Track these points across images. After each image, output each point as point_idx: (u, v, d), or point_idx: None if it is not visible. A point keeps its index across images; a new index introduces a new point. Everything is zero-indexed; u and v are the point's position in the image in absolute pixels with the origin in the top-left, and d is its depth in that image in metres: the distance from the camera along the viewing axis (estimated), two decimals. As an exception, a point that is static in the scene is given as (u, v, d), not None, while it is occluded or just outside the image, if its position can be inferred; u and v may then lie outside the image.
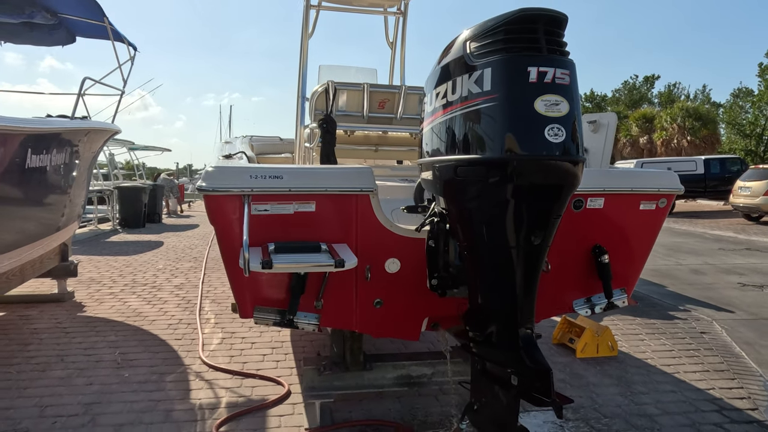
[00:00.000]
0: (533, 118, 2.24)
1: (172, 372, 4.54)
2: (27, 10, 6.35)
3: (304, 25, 5.81)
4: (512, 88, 2.27)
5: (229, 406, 3.92)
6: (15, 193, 4.58)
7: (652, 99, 47.00)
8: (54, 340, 5.28)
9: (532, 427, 3.63)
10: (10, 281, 5.49)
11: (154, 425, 3.61)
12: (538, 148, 2.24)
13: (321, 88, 4.71)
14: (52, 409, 3.81)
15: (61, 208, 5.75)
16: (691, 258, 10.79)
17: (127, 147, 20.09)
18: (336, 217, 2.85)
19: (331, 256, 2.62)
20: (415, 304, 3.12)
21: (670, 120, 33.05)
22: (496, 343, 2.54)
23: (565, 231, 3.15)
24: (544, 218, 2.38)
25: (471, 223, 2.51)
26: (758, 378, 4.60)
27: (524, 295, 2.46)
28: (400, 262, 3.00)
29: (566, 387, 4.32)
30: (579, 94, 2.38)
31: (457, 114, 2.47)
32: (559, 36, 2.36)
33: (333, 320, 3.11)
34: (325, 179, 2.79)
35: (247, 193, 2.67)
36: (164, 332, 5.62)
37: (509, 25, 2.30)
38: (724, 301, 7.21)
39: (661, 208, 3.28)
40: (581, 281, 3.33)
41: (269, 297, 2.94)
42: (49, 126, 4.77)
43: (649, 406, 4.00)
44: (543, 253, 2.45)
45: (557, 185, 2.34)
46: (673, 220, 18.95)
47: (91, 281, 8.06)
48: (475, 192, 2.43)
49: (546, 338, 5.51)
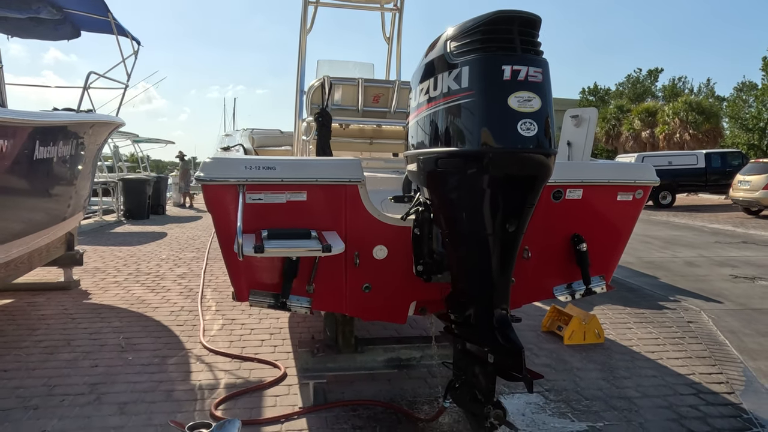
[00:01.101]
0: (507, 113, 2.40)
1: (173, 355, 4.74)
2: (33, 5, 6.53)
3: (303, 21, 5.97)
4: (487, 85, 2.43)
5: (228, 386, 4.10)
6: (23, 184, 4.76)
7: (656, 93, 46.92)
8: (61, 326, 5.49)
9: (515, 408, 3.81)
10: (18, 268, 5.69)
11: (156, 404, 3.80)
12: (512, 141, 2.41)
13: (317, 83, 4.87)
14: (59, 389, 4.00)
15: (67, 198, 5.94)
16: (687, 251, 10.93)
17: (131, 139, 20.30)
18: (326, 206, 3.02)
19: (320, 242, 2.80)
20: (402, 288, 3.30)
21: (673, 114, 33.05)
22: (474, 323, 2.72)
23: (545, 220, 3.33)
24: (518, 207, 2.55)
25: (451, 212, 2.68)
26: (738, 364, 4.76)
27: (500, 279, 2.63)
28: (387, 249, 3.17)
29: (551, 371, 4.49)
30: (551, 91, 2.53)
31: (438, 109, 2.64)
32: (533, 36, 2.52)
33: (324, 304, 3.29)
34: (316, 170, 2.96)
35: (242, 183, 2.85)
36: (167, 318, 5.82)
37: (485, 25, 2.47)
38: (715, 293, 7.36)
39: (637, 199, 3.43)
40: (561, 268, 3.50)
41: (264, 281, 3.12)
42: (56, 119, 4.95)
43: (630, 390, 4.17)
44: (517, 240, 2.62)
45: (530, 176, 2.50)
46: (673, 214, 19.07)
47: (96, 270, 8.27)
48: (454, 182, 2.59)
49: (535, 326, 5.69)
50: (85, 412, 3.65)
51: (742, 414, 3.80)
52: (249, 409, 3.75)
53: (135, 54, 7.58)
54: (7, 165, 4.32)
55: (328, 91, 4.67)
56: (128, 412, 3.66)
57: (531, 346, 5.12)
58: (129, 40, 7.44)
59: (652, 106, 36.62)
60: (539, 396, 4.02)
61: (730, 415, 3.78)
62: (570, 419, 3.67)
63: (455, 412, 3.47)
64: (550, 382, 4.28)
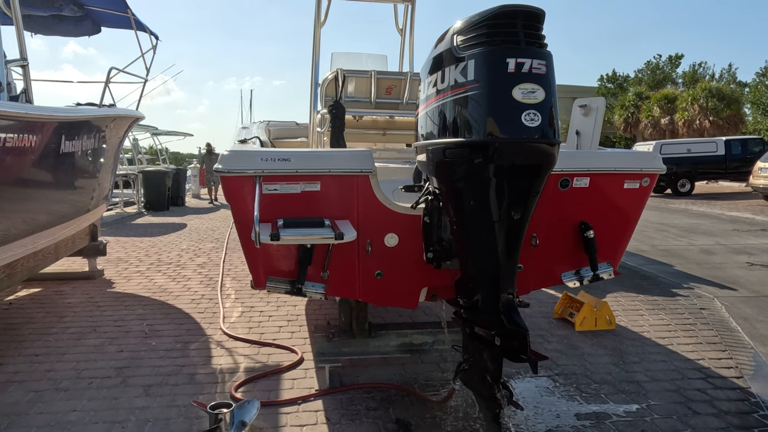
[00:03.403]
0: (511, 104, 2.49)
1: (195, 341, 4.91)
2: (56, 3, 6.71)
3: (317, 14, 6.06)
4: (492, 77, 2.52)
5: (247, 370, 4.27)
6: (49, 177, 4.95)
7: (676, 79, 46.17)
8: (87, 313, 5.70)
9: (525, 392, 3.91)
10: (45, 258, 5.91)
11: (179, 386, 3.98)
12: (516, 132, 2.50)
13: (331, 76, 4.98)
14: (87, 372, 4.20)
15: (91, 191, 6.14)
16: (704, 238, 10.88)
17: (150, 132, 20.62)
18: (339, 196, 3.14)
19: (333, 230, 2.92)
20: (412, 275, 3.41)
21: (692, 100, 32.57)
22: (482, 307, 2.83)
23: (553, 208, 3.41)
24: (523, 195, 2.64)
25: (459, 200, 2.78)
26: (749, 350, 4.81)
27: (506, 264, 2.73)
28: (398, 237, 3.28)
29: (561, 356, 4.59)
30: (555, 82, 2.61)
31: (445, 101, 2.74)
32: (537, 29, 2.60)
33: (338, 289, 3.42)
34: (329, 161, 3.08)
35: (258, 174, 2.97)
36: (188, 306, 6.01)
37: (490, 20, 2.55)
38: (730, 280, 7.36)
39: (644, 186, 3.49)
40: (569, 255, 3.58)
41: (280, 268, 3.26)
42: (79, 114, 5.13)
43: (639, 374, 4.25)
44: (523, 227, 2.71)
45: (533, 165, 2.59)
46: (691, 202, 18.89)
47: (119, 260, 8.51)
48: (462, 172, 2.69)
49: (548, 312, 5.77)
50: (113, 394, 3.83)
51: (749, 398, 3.86)
52: (267, 392, 3.90)
53: (153, 49, 7.76)
54: (34, 159, 4.50)
55: (342, 83, 4.77)
56: (153, 394, 3.84)
57: (543, 332, 5.21)
58: (147, 35, 7.61)
59: (672, 92, 36.11)
60: (549, 380, 4.12)
61: (737, 399, 3.85)
62: (578, 402, 3.77)
63: (465, 395, 3.58)
64: (560, 366, 4.38)
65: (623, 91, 43.69)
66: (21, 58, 5.25)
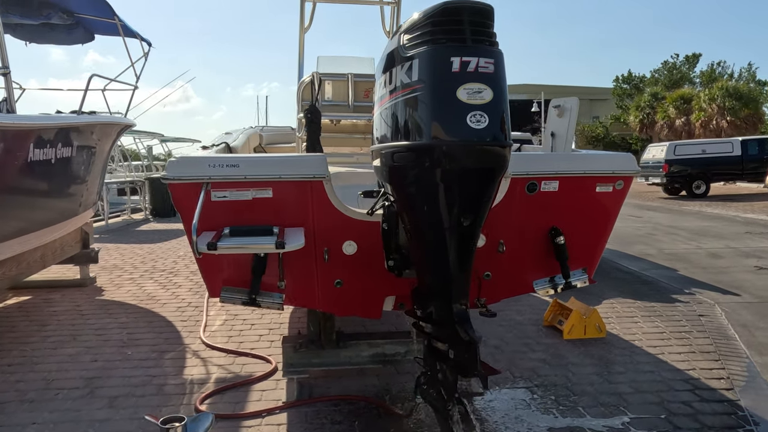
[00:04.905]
0: (456, 105, 2.36)
1: (171, 350, 4.84)
2: (44, 11, 6.73)
3: (301, 18, 5.97)
4: (436, 77, 2.39)
5: (218, 381, 4.17)
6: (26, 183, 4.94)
7: (694, 79, 45.35)
8: (70, 321, 5.67)
9: (499, 403, 3.77)
10: (30, 267, 5.90)
11: (145, 398, 3.90)
12: (461, 134, 2.36)
13: (308, 79, 4.88)
14: (57, 383, 4.14)
15: (74, 196, 6.11)
16: (713, 242, 10.59)
17: (158, 139, 20.76)
18: (293, 203, 3.03)
19: (276, 238, 2.80)
20: (374, 284, 3.28)
21: (709, 100, 31.93)
22: (435, 318, 2.69)
23: (520, 214, 3.27)
24: (473, 200, 2.50)
25: (410, 206, 2.66)
26: (744, 359, 4.60)
27: (458, 273, 2.59)
28: (356, 245, 3.16)
29: (544, 366, 4.42)
30: (505, 81, 2.48)
31: (394, 102, 2.62)
32: (485, 26, 2.46)
33: (296, 299, 3.31)
34: (279, 167, 2.97)
35: (205, 181, 2.88)
36: (172, 314, 5.94)
37: (434, 17, 2.42)
38: (734, 285, 7.11)
39: (618, 189, 3.33)
40: (541, 262, 3.42)
41: (234, 278, 3.15)
42: (55, 122, 5.11)
43: (623, 385, 4.07)
44: (474, 234, 2.58)
45: (482, 169, 2.45)
46: (706, 204, 18.46)
47: (115, 267, 8.50)
48: (410, 177, 2.56)
49: (538, 320, 5.60)
50: (76, 406, 3.77)
51: (737, 411, 3.67)
52: (233, 404, 3.80)
53: (145, 56, 7.75)
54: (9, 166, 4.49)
55: (318, 87, 4.68)
56: (117, 406, 3.76)
57: (529, 340, 5.05)
58: (139, 42, 7.60)
59: (688, 92, 35.44)
60: (527, 391, 3.96)
61: (723, 412, 3.65)
62: (554, 415, 3.61)
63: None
64: (540, 377, 4.22)
65: (639, 92, 43.03)
66: (2, 66, 5.24)
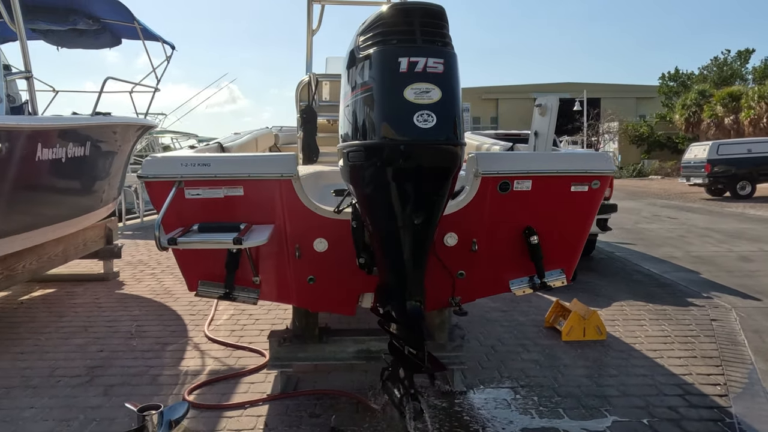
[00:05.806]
0: (403, 105, 2.40)
1: (174, 342, 5.02)
2: (70, 18, 7.06)
3: (309, 21, 6.07)
4: (385, 77, 2.44)
5: (212, 373, 4.31)
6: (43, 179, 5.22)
7: (746, 76, 43.49)
8: (86, 313, 5.94)
9: (478, 402, 3.77)
10: (52, 261, 6.22)
11: (139, 387, 4.07)
12: (408, 133, 2.40)
13: (306, 80, 4.98)
14: (60, 371, 4.36)
15: (90, 192, 6.40)
16: (747, 244, 10.20)
17: (194, 139, 21.43)
18: (263, 201, 3.11)
19: (237, 235, 2.88)
20: (347, 280, 3.33)
21: (758, 98, 30.58)
22: (391, 315, 2.73)
23: (493, 213, 3.26)
24: (424, 199, 2.53)
25: (366, 204, 2.71)
26: (747, 366, 4.44)
27: (412, 270, 2.63)
28: (327, 242, 3.22)
29: (534, 367, 4.39)
30: (457, 81, 2.50)
31: (354, 100, 2.67)
32: (437, 27, 2.49)
33: (272, 295, 3.40)
34: (248, 166, 3.06)
35: (178, 180, 3.00)
36: (183, 308, 6.15)
37: (385, 19, 2.47)
38: (758, 289, 6.85)
39: (594, 189, 3.27)
40: (516, 262, 3.40)
41: (211, 272, 3.26)
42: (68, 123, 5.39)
43: (611, 388, 4.00)
44: (428, 232, 2.60)
45: (431, 167, 2.48)
46: (750, 205, 17.74)
47: (139, 263, 8.84)
48: (365, 176, 2.61)
49: (539, 321, 5.54)
50: (74, 393, 3.96)
51: (725, 418, 3.57)
52: (221, 395, 3.93)
53: (168, 58, 8.03)
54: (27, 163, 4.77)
55: (315, 87, 4.76)
56: (111, 394, 3.94)
57: (527, 341, 5.01)
58: (161, 45, 7.88)
59: (737, 90, 34.00)
60: (510, 391, 3.95)
61: (710, 419, 3.56)
62: (531, 416, 3.59)
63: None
64: (528, 377, 4.19)
65: (686, 89, 41.58)
66: (25, 70, 5.54)
